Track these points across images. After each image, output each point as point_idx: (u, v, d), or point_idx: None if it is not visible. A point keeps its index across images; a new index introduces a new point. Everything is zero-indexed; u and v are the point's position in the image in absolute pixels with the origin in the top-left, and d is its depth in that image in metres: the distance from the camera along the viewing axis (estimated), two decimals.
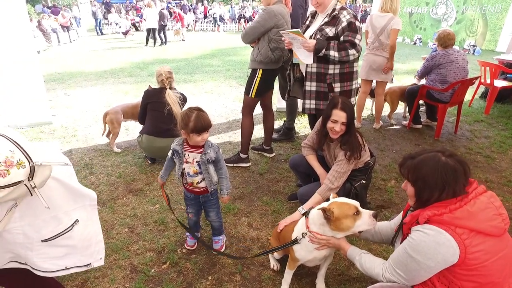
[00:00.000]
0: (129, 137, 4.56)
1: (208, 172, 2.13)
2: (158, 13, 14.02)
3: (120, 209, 2.94)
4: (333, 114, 2.34)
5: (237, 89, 7.00)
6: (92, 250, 1.57)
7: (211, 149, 2.09)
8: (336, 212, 1.72)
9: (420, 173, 1.43)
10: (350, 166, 2.42)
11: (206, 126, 2.02)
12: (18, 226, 1.32)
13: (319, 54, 2.69)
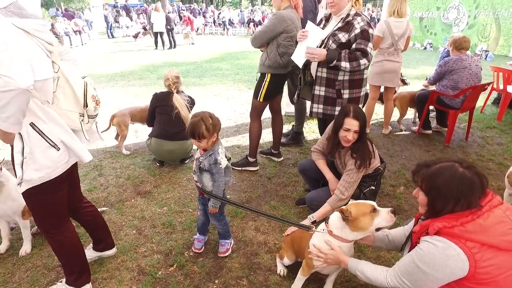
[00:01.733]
0: (138, 140, 4.60)
1: (200, 178, 2.16)
2: (165, 17, 14.19)
3: (128, 211, 2.96)
4: (346, 123, 2.31)
5: (246, 92, 7.02)
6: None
7: (207, 159, 2.08)
8: (353, 212, 1.74)
9: (435, 182, 1.40)
10: (360, 175, 2.40)
11: (192, 134, 2.03)
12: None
13: (330, 65, 2.67)
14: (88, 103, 1.80)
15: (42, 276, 2.25)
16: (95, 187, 3.36)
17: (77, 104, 1.78)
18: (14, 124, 1.49)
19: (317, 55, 2.65)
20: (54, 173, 1.70)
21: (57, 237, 1.89)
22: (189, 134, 2.04)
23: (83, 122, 1.84)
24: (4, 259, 2.39)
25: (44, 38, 1.58)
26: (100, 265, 2.33)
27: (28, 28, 1.52)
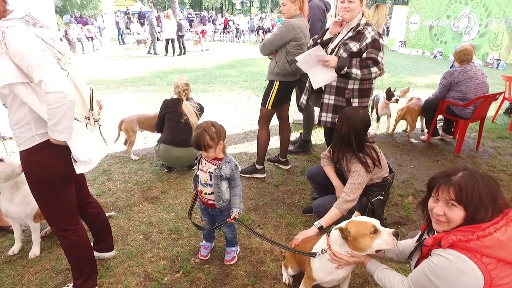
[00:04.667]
0: (146, 145, 4.65)
1: (219, 187, 2.13)
2: (176, 24, 14.38)
3: (136, 216, 2.98)
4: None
5: (254, 99, 7.05)
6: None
7: (227, 166, 2.09)
8: (353, 231, 1.67)
9: (473, 192, 1.30)
10: (365, 178, 2.38)
11: (197, 146, 2.04)
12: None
13: (341, 72, 2.68)
14: (94, 107, 1.88)
15: (50, 279, 2.28)
16: (103, 191, 3.40)
17: (84, 108, 1.85)
18: (69, 133, 1.64)
19: (330, 61, 2.67)
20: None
21: (69, 238, 1.92)
22: (195, 147, 2.04)
23: (89, 124, 1.90)
24: (14, 261, 2.43)
25: (56, 47, 1.68)
26: (107, 270, 2.35)
27: (45, 37, 1.60)
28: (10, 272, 2.33)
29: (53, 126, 1.60)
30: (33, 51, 1.51)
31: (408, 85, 6.12)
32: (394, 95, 4.66)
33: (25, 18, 1.60)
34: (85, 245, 2.02)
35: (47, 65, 1.52)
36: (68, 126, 1.61)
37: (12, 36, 1.49)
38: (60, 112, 1.54)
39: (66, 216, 1.91)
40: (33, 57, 1.50)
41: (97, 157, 1.87)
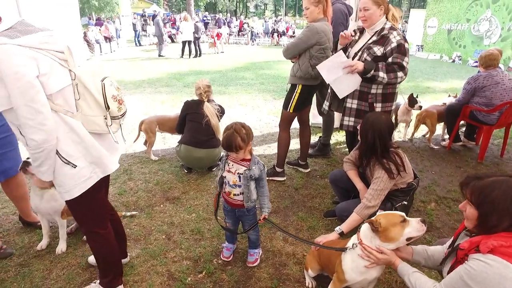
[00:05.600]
0: (166, 146, 4.71)
1: (249, 188, 2.15)
2: (193, 26, 14.55)
3: (158, 216, 3.02)
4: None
5: (271, 102, 7.06)
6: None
7: (257, 167, 2.13)
8: (383, 222, 1.72)
9: (488, 196, 1.35)
10: (387, 184, 2.35)
11: (228, 147, 2.06)
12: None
13: (367, 75, 2.67)
14: (109, 104, 1.76)
15: (77, 275, 2.32)
16: (125, 191, 3.45)
17: (99, 108, 1.75)
18: (51, 173, 1.67)
19: (356, 65, 2.67)
20: (76, 191, 1.72)
21: (98, 240, 1.95)
22: (225, 148, 2.06)
23: (108, 124, 1.81)
24: (42, 256, 2.49)
25: (52, 49, 1.59)
26: (131, 268, 2.38)
27: (34, 43, 1.52)
28: (39, 267, 2.39)
29: (36, 167, 1.64)
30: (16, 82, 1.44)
31: (427, 90, 6.03)
32: (417, 101, 4.60)
33: (15, 28, 1.52)
34: (113, 247, 2.05)
35: (27, 109, 1.47)
36: (50, 168, 1.64)
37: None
38: (40, 157, 1.57)
39: (96, 219, 1.94)
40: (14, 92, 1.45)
41: (107, 159, 1.81)
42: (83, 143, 1.69)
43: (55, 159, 1.62)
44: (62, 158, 1.64)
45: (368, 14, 2.73)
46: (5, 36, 1.45)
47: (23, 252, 2.55)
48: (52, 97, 1.57)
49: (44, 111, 1.51)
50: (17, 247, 2.59)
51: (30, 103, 1.46)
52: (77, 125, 1.67)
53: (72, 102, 1.67)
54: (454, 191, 3.52)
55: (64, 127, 1.63)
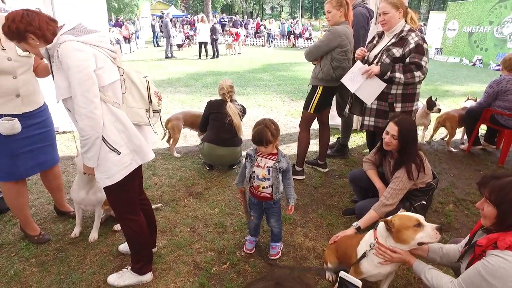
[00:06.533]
0: (187, 144, 4.86)
1: (278, 180, 2.29)
2: (210, 28, 14.78)
3: (182, 209, 3.16)
4: (388, 126, 2.44)
5: (289, 104, 7.16)
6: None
7: (284, 159, 2.26)
8: (397, 223, 1.78)
9: (508, 195, 1.41)
10: (406, 184, 2.42)
11: (259, 141, 2.18)
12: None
13: (384, 77, 2.75)
14: (152, 99, 2.00)
15: (109, 261, 2.48)
16: (150, 185, 3.61)
17: (143, 101, 1.97)
18: (96, 160, 1.81)
19: (372, 69, 2.75)
20: (117, 177, 1.87)
21: (132, 227, 2.09)
22: (256, 142, 2.18)
23: (149, 117, 2.03)
24: (77, 243, 2.66)
25: (107, 47, 1.81)
26: (158, 257, 2.52)
27: (93, 41, 1.74)
28: (74, 252, 2.56)
29: (83, 153, 1.79)
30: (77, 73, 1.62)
31: (445, 94, 6.01)
32: (435, 104, 4.62)
33: (76, 28, 1.74)
34: (145, 234, 2.19)
35: (82, 99, 1.64)
36: (95, 155, 1.78)
37: (62, 52, 1.64)
38: (87, 143, 1.73)
39: (130, 206, 2.08)
40: (74, 82, 1.63)
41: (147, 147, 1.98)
42: (126, 131, 1.85)
43: (100, 146, 1.78)
44: (108, 145, 1.79)
45: (388, 18, 2.81)
46: (71, 34, 1.66)
47: (59, 238, 2.72)
48: (104, 89, 1.75)
49: (96, 102, 1.68)
50: (53, 234, 2.77)
51: (86, 93, 1.64)
52: (122, 115, 1.84)
53: (119, 94, 1.85)
54: (473, 193, 3.54)
55: (111, 117, 1.80)
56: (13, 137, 2.34)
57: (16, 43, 1.79)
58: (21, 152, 2.43)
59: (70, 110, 1.79)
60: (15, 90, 2.28)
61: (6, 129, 2.27)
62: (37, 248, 2.59)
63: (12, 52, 2.23)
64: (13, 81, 2.25)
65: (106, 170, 1.83)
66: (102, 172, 1.83)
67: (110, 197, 2.02)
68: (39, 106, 2.51)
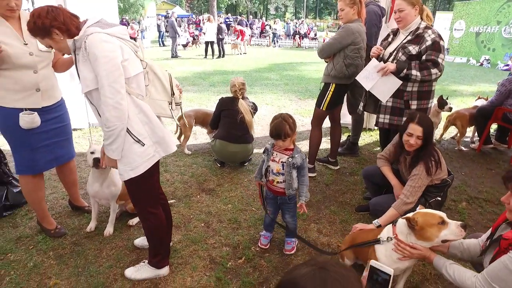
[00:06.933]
0: (197, 141, 4.88)
1: (291, 175, 2.28)
2: (217, 27, 14.81)
3: (195, 205, 3.18)
4: (409, 128, 2.40)
5: (297, 102, 7.16)
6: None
7: (299, 155, 2.26)
8: (420, 221, 1.76)
9: None
10: (425, 181, 2.42)
11: (278, 134, 2.19)
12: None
13: (400, 75, 2.74)
14: (174, 91, 2.04)
15: (125, 255, 2.50)
16: (162, 182, 3.62)
17: (166, 94, 2.02)
18: (120, 152, 1.82)
19: (388, 66, 2.74)
20: (141, 168, 1.89)
21: (152, 220, 2.11)
22: (274, 135, 2.19)
23: (172, 109, 2.07)
24: (92, 237, 2.69)
25: (130, 40, 1.85)
26: (174, 252, 2.53)
27: (118, 34, 1.77)
28: (90, 246, 2.58)
29: (107, 146, 1.81)
30: (104, 64, 1.64)
31: (453, 93, 5.99)
32: (447, 103, 4.60)
33: (101, 22, 1.78)
34: (164, 228, 2.21)
35: (109, 89, 1.66)
36: (120, 146, 1.80)
37: (89, 43, 1.66)
38: (112, 135, 1.75)
39: (151, 200, 2.10)
40: (102, 73, 1.65)
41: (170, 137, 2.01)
42: (150, 123, 1.88)
43: (124, 138, 1.79)
44: (133, 136, 1.81)
45: (403, 15, 2.80)
46: (97, 26, 1.69)
47: (75, 232, 2.75)
48: (129, 81, 1.78)
49: (122, 92, 1.70)
50: (69, 228, 2.79)
51: (113, 84, 1.66)
52: (146, 107, 1.87)
53: (143, 87, 1.89)
54: (486, 192, 3.53)
55: (135, 108, 1.82)
56: (33, 131, 2.37)
57: (40, 39, 1.80)
58: (40, 146, 2.46)
59: (93, 103, 1.81)
60: (35, 85, 2.30)
61: (26, 123, 2.30)
62: (54, 242, 2.62)
63: (34, 47, 2.26)
64: (34, 75, 2.28)
65: (130, 162, 1.84)
66: (126, 164, 1.85)
67: (132, 190, 2.03)
68: (57, 101, 2.53)
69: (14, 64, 2.19)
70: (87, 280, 2.25)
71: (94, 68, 1.66)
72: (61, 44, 1.78)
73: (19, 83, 2.24)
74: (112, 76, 1.65)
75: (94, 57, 1.64)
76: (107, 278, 2.28)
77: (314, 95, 7.77)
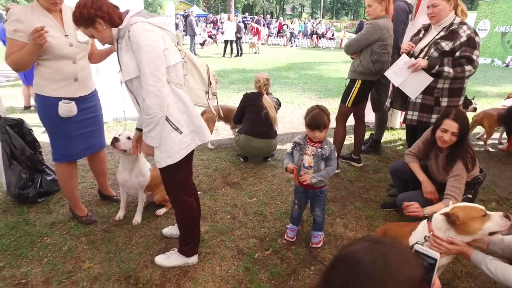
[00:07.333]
0: (219, 136, 4.93)
1: (319, 166, 2.29)
2: (236, 26, 14.88)
3: (220, 198, 3.22)
4: (444, 123, 2.35)
5: (316, 101, 7.13)
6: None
7: (328, 146, 2.27)
8: (461, 216, 1.71)
9: None
10: (465, 179, 2.37)
11: (318, 125, 2.20)
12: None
13: (432, 71, 2.70)
14: (211, 81, 2.10)
15: (154, 243, 2.55)
16: None
17: (203, 83, 2.08)
18: (158, 139, 1.86)
19: (419, 62, 2.71)
20: (178, 156, 1.93)
21: (185, 208, 2.15)
22: (313, 126, 2.19)
23: (208, 98, 2.12)
24: (122, 226, 2.76)
25: (170, 30, 1.90)
26: (202, 242, 2.57)
27: (160, 24, 1.82)
28: (120, 234, 2.65)
29: (147, 133, 1.84)
30: (147, 53, 1.68)
31: (477, 94, 5.84)
32: (471, 103, 4.50)
33: (142, 12, 1.82)
34: (196, 216, 2.26)
35: (151, 77, 1.70)
36: (159, 134, 1.83)
37: (133, 32, 1.70)
38: (152, 122, 1.78)
39: (184, 188, 2.14)
40: (144, 61, 1.69)
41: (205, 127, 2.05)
42: (188, 112, 1.92)
43: (163, 126, 1.84)
44: (171, 124, 1.86)
45: (437, 10, 2.76)
46: (140, 16, 1.74)
47: (105, 220, 2.83)
48: (168, 70, 1.82)
49: (164, 80, 1.75)
50: (99, 216, 2.87)
51: (155, 72, 1.71)
52: (184, 96, 1.91)
53: (181, 76, 1.93)
54: None
55: (174, 97, 1.87)
56: (69, 119, 2.45)
57: (83, 29, 1.86)
58: (75, 135, 2.54)
59: (133, 91, 1.87)
60: (74, 75, 2.38)
61: (64, 111, 2.38)
62: (85, 228, 2.71)
63: (73, 39, 2.34)
64: (72, 66, 2.36)
65: (167, 150, 1.89)
66: (164, 151, 1.89)
67: (167, 178, 2.07)
68: (92, 91, 2.61)
69: (55, 55, 2.27)
70: (118, 265, 2.31)
71: (137, 57, 1.70)
72: (103, 34, 1.84)
73: (59, 73, 2.32)
74: (154, 64, 1.70)
75: (137, 46, 1.68)
76: (138, 264, 2.33)
77: (333, 94, 7.73)
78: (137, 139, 2.24)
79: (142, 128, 1.89)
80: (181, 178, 2.08)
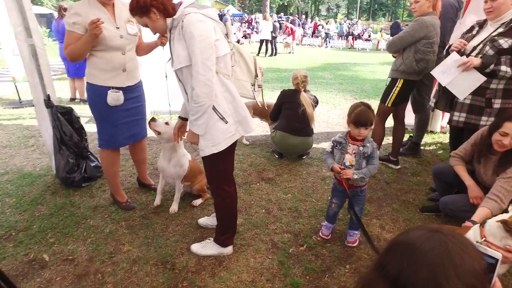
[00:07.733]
0: (254, 133, 4.94)
1: (360, 165, 2.24)
2: (272, 25, 14.89)
3: (255, 192, 3.23)
4: (504, 126, 2.19)
5: (352, 102, 6.96)
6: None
7: (370, 144, 2.22)
8: None
9: None
10: None
11: (364, 122, 2.14)
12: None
13: (486, 70, 2.54)
14: (258, 73, 2.12)
15: (190, 232, 2.62)
16: None
17: (250, 75, 2.11)
18: (204, 128, 1.90)
19: (471, 60, 2.55)
20: (223, 145, 1.96)
21: (226, 198, 2.18)
22: (361, 123, 2.13)
23: (254, 90, 2.14)
24: (159, 213, 2.84)
25: (220, 22, 1.94)
26: (237, 234, 2.58)
27: (211, 15, 1.86)
28: (157, 221, 2.74)
29: (194, 121, 1.88)
30: (200, 42, 1.72)
31: None
32: None
33: (194, 3, 1.86)
34: (234, 206, 2.29)
35: (202, 66, 1.73)
36: (205, 122, 1.87)
37: (187, 22, 1.75)
38: (200, 110, 1.81)
39: (226, 178, 2.18)
40: (196, 51, 1.72)
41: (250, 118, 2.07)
42: (234, 102, 1.95)
43: (210, 115, 1.88)
44: (218, 113, 1.90)
45: (497, 4, 2.57)
46: (193, 7, 1.78)
47: (143, 207, 2.93)
48: (218, 61, 1.86)
49: (213, 70, 1.79)
50: (137, 203, 2.98)
51: (206, 61, 1.75)
52: (231, 86, 1.95)
53: (229, 67, 1.96)
54: None
55: (221, 87, 1.90)
56: (117, 108, 2.56)
57: (138, 18, 1.93)
58: (120, 123, 2.66)
59: (182, 80, 1.92)
60: (122, 65, 2.49)
61: (113, 100, 2.49)
62: (125, 214, 2.82)
63: (124, 31, 2.44)
64: (122, 56, 2.47)
65: (212, 138, 1.93)
66: (209, 140, 1.94)
67: (210, 166, 2.11)
68: (138, 82, 2.72)
69: (107, 46, 2.38)
70: (156, 250, 2.39)
71: (189, 46, 1.75)
72: (156, 23, 1.90)
73: (109, 63, 2.44)
74: (205, 53, 1.74)
75: (190, 35, 1.73)
76: (174, 251, 2.40)
77: (370, 95, 7.54)
78: (179, 127, 2.31)
79: (189, 117, 1.94)
80: (224, 167, 2.11)
